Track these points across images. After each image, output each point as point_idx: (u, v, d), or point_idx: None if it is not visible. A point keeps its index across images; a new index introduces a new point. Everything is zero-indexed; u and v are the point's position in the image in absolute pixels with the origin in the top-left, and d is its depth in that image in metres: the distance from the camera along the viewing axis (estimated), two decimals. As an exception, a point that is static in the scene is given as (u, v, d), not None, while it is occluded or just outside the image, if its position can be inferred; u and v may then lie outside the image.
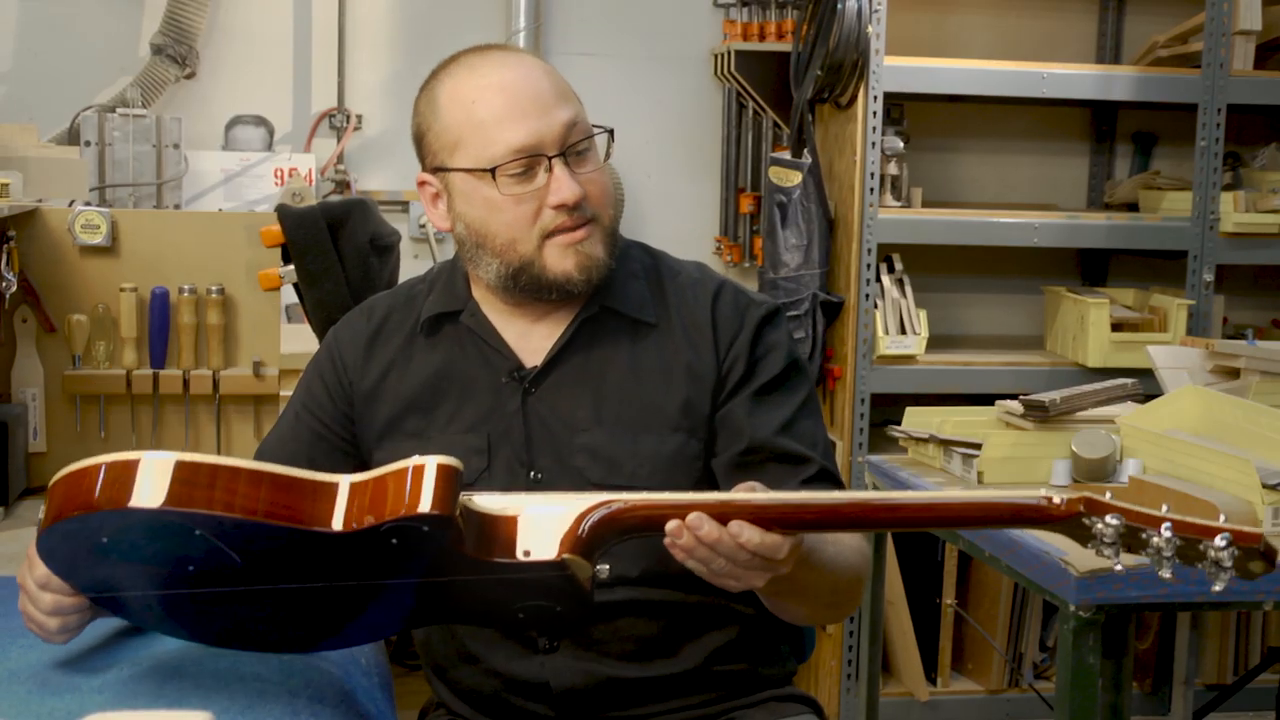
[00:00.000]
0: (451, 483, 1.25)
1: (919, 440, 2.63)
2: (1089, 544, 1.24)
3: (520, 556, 1.28)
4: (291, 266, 2.36)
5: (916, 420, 2.66)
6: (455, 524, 1.24)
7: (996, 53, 3.91)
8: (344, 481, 1.28)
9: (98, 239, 2.34)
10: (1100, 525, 1.22)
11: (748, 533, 1.29)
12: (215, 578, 1.29)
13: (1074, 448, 2.41)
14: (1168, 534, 1.19)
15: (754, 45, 3.86)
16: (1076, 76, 3.59)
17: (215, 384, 2.35)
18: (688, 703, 1.62)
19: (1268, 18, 3.61)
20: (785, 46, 3.76)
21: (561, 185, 1.53)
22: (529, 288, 1.58)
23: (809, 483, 1.57)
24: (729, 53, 3.85)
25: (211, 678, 1.41)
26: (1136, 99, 3.66)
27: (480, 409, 1.61)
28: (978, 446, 2.46)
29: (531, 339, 1.62)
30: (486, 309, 1.64)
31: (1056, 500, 1.23)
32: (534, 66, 1.58)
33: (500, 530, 1.30)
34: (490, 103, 1.54)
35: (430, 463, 1.25)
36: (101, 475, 1.24)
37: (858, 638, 3.41)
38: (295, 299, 2.46)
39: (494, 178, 1.53)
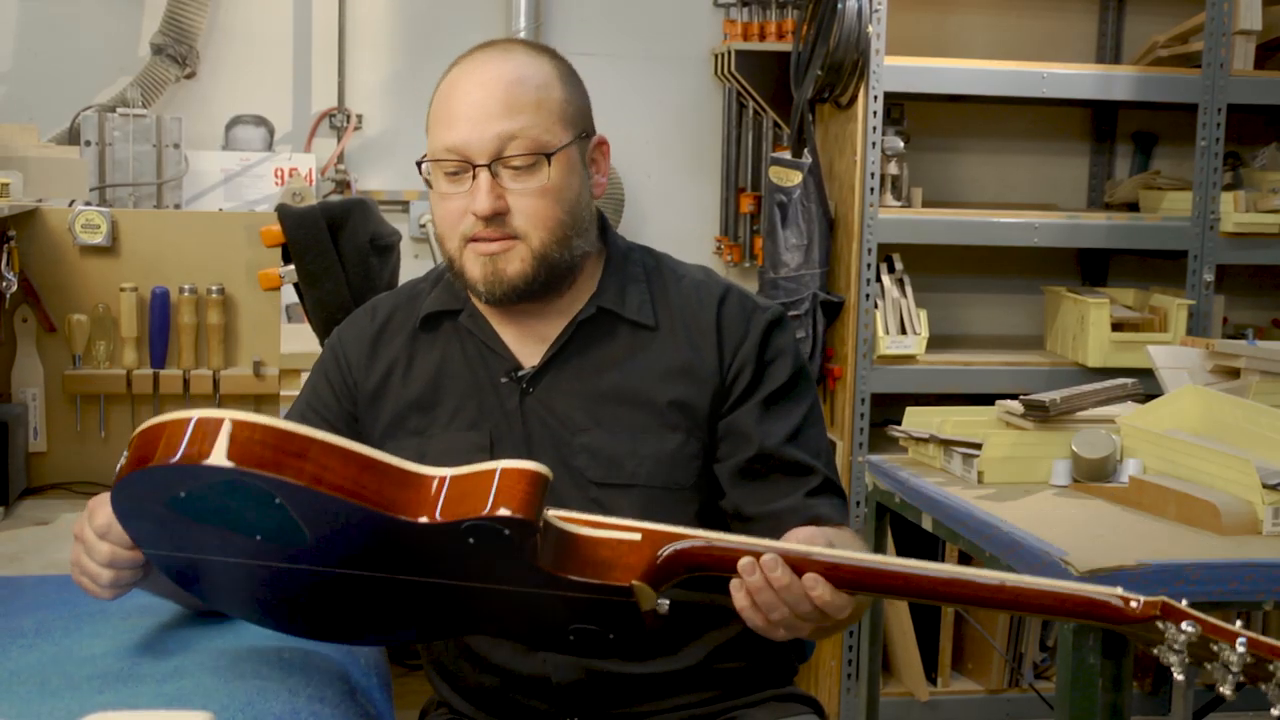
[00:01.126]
0: (539, 490, 1.25)
1: (919, 440, 2.63)
2: (1155, 648, 1.21)
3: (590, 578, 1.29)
4: (292, 266, 2.36)
5: (917, 420, 2.66)
6: (538, 531, 1.25)
7: (997, 53, 3.92)
8: (433, 475, 1.27)
9: (98, 239, 2.34)
10: (1173, 631, 1.21)
11: (821, 588, 1.28)
12: (281, 552, 1.30)
13: (1074, 448, 2.40)
14: (1241, 649, 1.18)
15: (754, 45, 3.86)
16: (1077, 76, 3.59)
17: (215, 384, 2.35)
18: (688, 701, 1.62)
19: (1268, 18, 3.62)
20: (785, 46, 3.77)
21: (477, 196, 1.54)
22: (460, 283, 1.62)
23: (813, 494, 1.58)
24: (729, 52, 3.85)
25: (211, 678, 1.41)
26: (1137, 99, 3.66)
27: (481, 407, 1.62)
28: (978, 446, 2.46)
29: (529, 340, 1.63)
30: (484, 309, 1.65)
31: (1134, 604, 1.21)
32: (506, 73, 1.57)
33: (578, 548, 1.30)
34: (444, 100, 1.58)
35: (520, 467, 1.25)
36: (190, 430, 1.23)
37: (858, 638, 3.41)
38: (295, 299, 2.46)
39: (421, 170, 1.59)
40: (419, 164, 1.60)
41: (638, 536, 1.30)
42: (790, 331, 1.67)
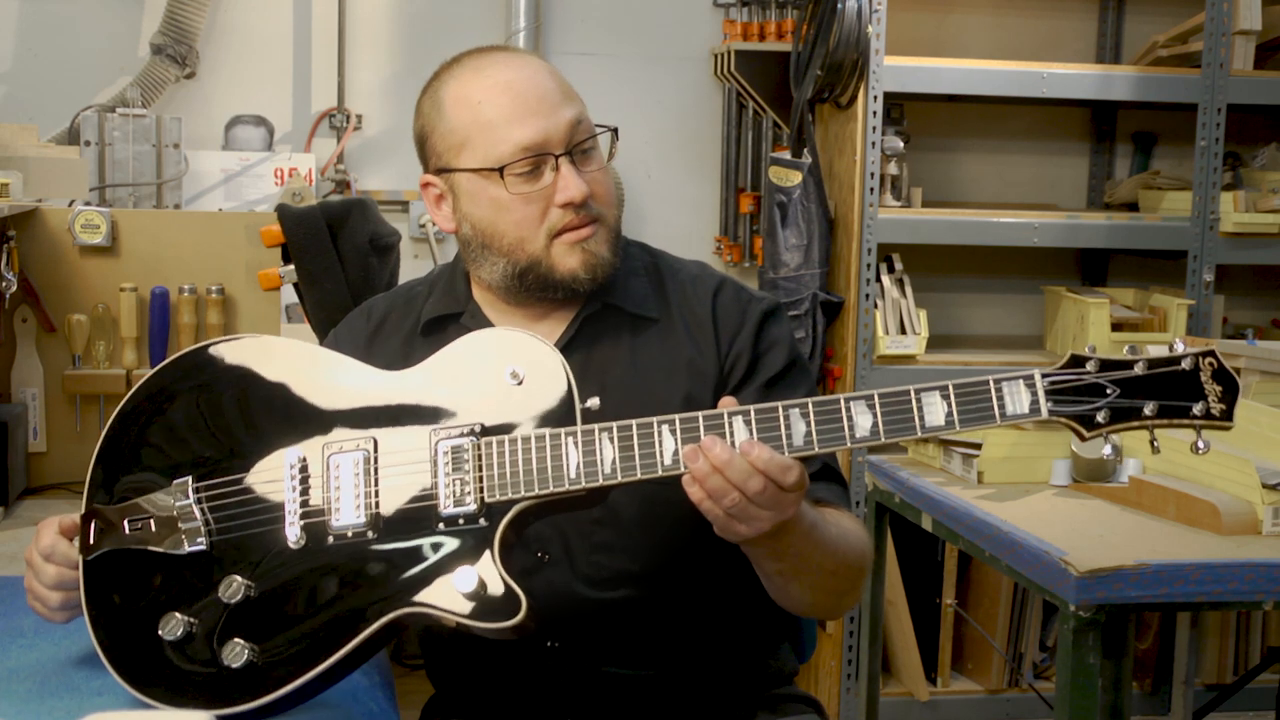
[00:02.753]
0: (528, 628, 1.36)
1: (919, 440, 2.63)
2: None
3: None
4: (291, 266, 2.36)
5: (916, 420, 2.66)
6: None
7: (996, 52, 3.91)
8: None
9: (98, 239, 2.34)
10: None
11: (758, 450, 1.32)
12: None
13: (1074, 448, 2.40)
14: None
15: (754, 45, 3.86)
16: (1076, 76, 3.59)
17: (215, 384, 2.35)
18: (689, 701, 1.62)
19: (1268, 17, 3.62)
20: (785, 46, 3.76)
21: (569, 183, 1.54)
22: (535, 286, 1.59)
23: (813, 479, 1.58)
24: (729, 52, 3.85)
25: (211, 678, 1.41)
26: (1136, 99, 3.66)
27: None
28: (978, 446, 2.46)
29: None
30: (488, 310, 1.65)
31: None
32: (538, 66, 1.59)
33: (541, 509, 1.41)
34: (496, 102, 1.55)
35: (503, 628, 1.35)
36: None
37: (858, 637, 3.41)
38: (295, 299, 2.46)
39: (502, 177, 1.54)
40: (499, 171, 1.53)
41: (584, 492, 1.38)
42: (785, 323, 1.67)
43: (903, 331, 3.53)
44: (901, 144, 3.56)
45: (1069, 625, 2.01)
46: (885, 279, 3.56)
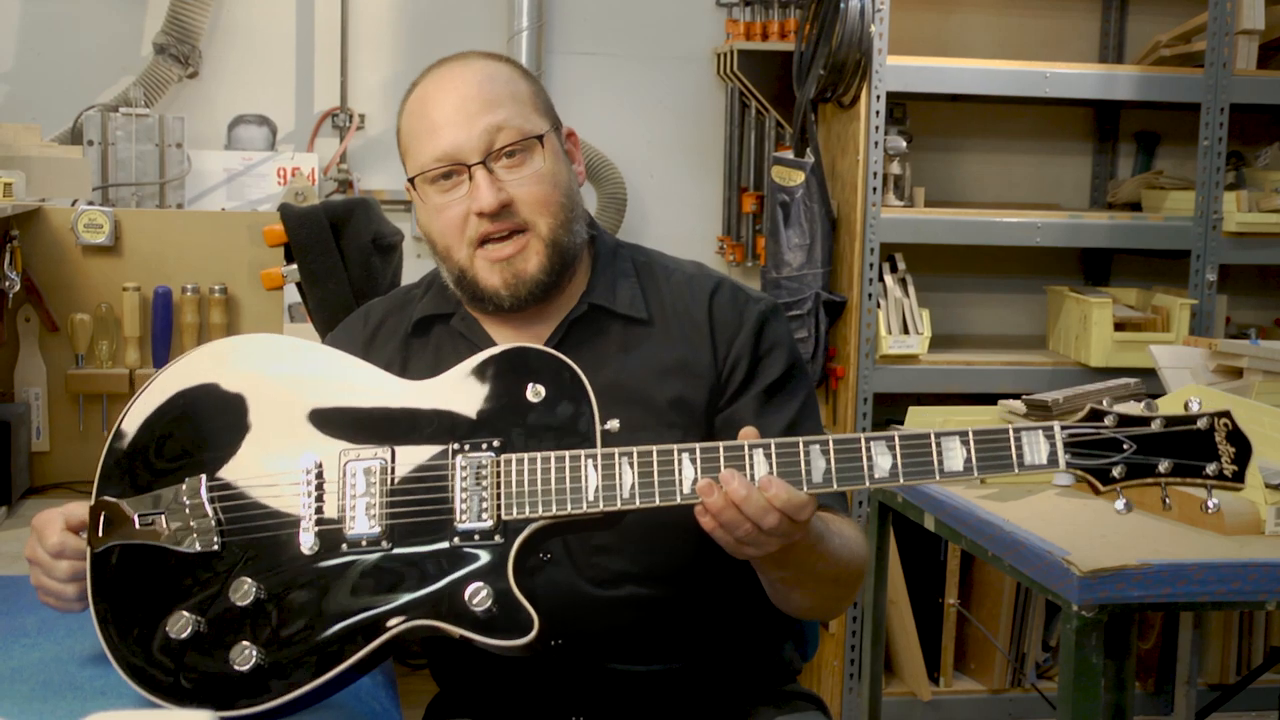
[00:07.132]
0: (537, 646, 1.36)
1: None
2: None
3: None
4: (294, 266, 2.36)
5: (919, 420, 2.66)
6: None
7: (999, 52, 3.91)
8: None
9: (100, 238, 2.34)
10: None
11: (776, 486, 1.32)
12: None
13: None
14: None
15: (757, 45, 3.86)
16: (1079, 76, 3.59)
17: (218, 383, 2.35)
18: (693, 700, 1.62)
19: (1270, 17, 3.61)
20: (788, 46, 3.76)
21: (478, 192, 1.54)
22: (470, 296, 1.60)
23: None
24: (732, 52, 3.85)
25: (214, 677, 1.41)
26: (1139, 98, 3.66)
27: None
28: (980, 446, 2.45)
29: (522, 341, 1.62)
30: (477, 312, 1.65)
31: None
32: (473, 75, 1.59)
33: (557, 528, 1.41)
34: (421, 113, 1.59)
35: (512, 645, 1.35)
36: None
37: (860, 637, 3.41)
38: (298, 298, 2.47)
39: (415, 186, 1.59)
40: (411, 181, 1.59)
41: (600, 515, 1.37)
42: (784, 323, 1.67)
43: (905, 331, 3.53)
44: (904, 144, 3.56)
45: (1072, 625, 2.01)
46: (888, 279, 3.56)
